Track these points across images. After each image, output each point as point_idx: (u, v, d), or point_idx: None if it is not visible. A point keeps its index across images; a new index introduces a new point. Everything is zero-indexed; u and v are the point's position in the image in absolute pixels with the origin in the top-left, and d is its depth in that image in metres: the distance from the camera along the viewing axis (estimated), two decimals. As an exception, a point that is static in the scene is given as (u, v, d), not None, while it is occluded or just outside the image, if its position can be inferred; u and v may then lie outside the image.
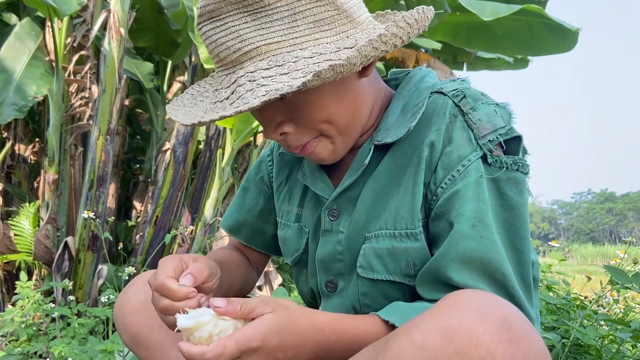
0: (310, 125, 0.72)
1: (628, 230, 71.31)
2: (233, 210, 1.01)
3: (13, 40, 2.99)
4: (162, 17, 3.41)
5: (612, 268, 1.26)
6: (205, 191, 3.61)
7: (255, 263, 1.03)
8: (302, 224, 0.86)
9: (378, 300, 0.75)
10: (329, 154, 0.76)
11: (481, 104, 0.70)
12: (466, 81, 0.77)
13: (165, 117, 3.85)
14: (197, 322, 0.57)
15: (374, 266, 0.73)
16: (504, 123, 0.69)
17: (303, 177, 0.85)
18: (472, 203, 0.65)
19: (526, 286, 0.66)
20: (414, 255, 0.70)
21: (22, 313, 2.25)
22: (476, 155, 0.67)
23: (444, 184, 0.68)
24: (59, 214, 3.00)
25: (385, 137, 0.74)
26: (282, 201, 0.93)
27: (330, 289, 0.82)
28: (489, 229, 0.64)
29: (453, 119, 0.70)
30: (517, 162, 0.68)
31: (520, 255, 0.66)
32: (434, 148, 0.70)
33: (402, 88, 0.80)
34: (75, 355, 1.80)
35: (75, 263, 2.66)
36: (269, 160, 0.98)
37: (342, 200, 0.79)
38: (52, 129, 2.91)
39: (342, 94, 0.71)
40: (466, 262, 0.64)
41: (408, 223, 0.71)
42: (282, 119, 0.72)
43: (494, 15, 2.94)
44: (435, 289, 0.67)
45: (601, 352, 1.30)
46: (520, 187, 0.67)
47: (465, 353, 0.46)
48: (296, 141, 0.73)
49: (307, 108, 0.70)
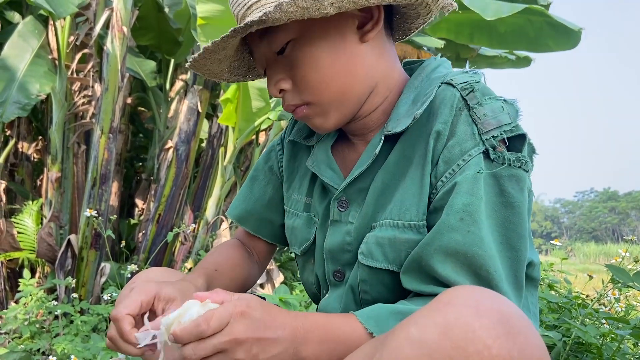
0: (305, 86, 0.73)
1: (631, 229, 71.11)
2: (241, 200, 1.01)
3: (16, 38, 3.00)
4: (164, 16, 3.42)
5: (613, 267, 1.26)
6: (208, 189, 3.62)
7: (260, 255, 1.03)
8: (311, 214, 0.86)
9: (376, 287, 0.75)
10: (321, 121, 0.77)
11: (488, 99, 0.69)
12: (478, 74, 0.75)
13: (167, 116, 3.86)
14: (183, 309, 0.59)
15: (374, 254, 0.73)
16: (509, 120, 0.68)
17: (312, 164, 0.85)
18: (465, 197, 0.65)
19: (517, 285, 0.65)
20: (415, 248, 0.70)
21: (25, 310, 2.27)
22: (478, 150, 0.67)
23: (444, 178, 0.68)
24: (62, 211, 3.01)
25: (396, 126, 0.73)
26: (291, 190, 0.92)
27: (337, 279, 0.82)
28: (478, 225, 0.63)
29: (459, 112, 0.70)
30: (520, 159, 0.67)
31: (516, 254, 0.65)
32: (438, 140, 0.70)
33: (415, 78, 0.79)
34: (77, 353, 1.81)
35: (78, 261, 2.67)
36: (279, 149, 0.98)
37: (352, 191, 0.79)
38: (55, 127, 2.92)
39: (338, 55, 0.71)
40: (450, 255, 0.64)
41: (413, 215, 0.71)
42: (282, 76, 0.74)
43: (496, 14, 2.94)
44: (418, 279, 0.67)
45: (602, 350, 1.30)
46: (522, 185, 0.67)
47: (462, 348, 0.46)
48: (290, 100, 0.76)
49: (302, 65, 0.71)
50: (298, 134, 0.92)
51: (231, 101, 2.89)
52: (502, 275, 0.64)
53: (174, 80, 3.99)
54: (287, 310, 0.64)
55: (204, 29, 2.67)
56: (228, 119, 2.99)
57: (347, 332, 0.63)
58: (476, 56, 4.65)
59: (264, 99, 2.93)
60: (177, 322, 0.58)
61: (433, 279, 0.65)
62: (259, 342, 0.58)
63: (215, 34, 2.57)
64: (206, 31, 2.70)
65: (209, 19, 2.54)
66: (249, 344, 0.57)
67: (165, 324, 0.59)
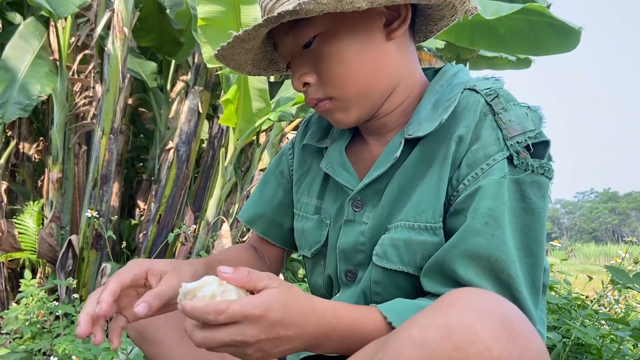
0: (328, 79, 0.73)
1: (631, 230, 71.04)
2: (252, 203, 1.02)
3: (17, 39, 3.00)
4: (166, 17, 3.42)
5: (613, 268, 1.26)
6: (208, 190, 3.63)
7: (272, 261, 1.03)
8: (322, 216, 0.86)
9: (389, 289, 0.75)
10: (342, 116, 0.77)
11: (513, 105, 0.70)
12: (500, 81, 0.76)
13: (168, 116, 3.86)
14: (201, 283, 0.58)
15: (389, 256, 0.73)
16: (533, 126, 0.68)
17: (327, 166, 0.85)
18: (490, 201, 0.65)
19: (535, 290, 0.66)
20: (431, 250, 0.70)
21: (26, 311, 2.27)
22: (502, 155, 0.67)
23: (467, 181, 0.68)
24: (63, 212, 3.01)
25: (417, 130, 0.73)
26: (301, 193, 0.93)
27: (349, 279, 0.82)
28: (502, 229, 0.64)
29: (483, 117, 0.70)
30: (544, 166, 0.67)
31: (535, 260, 0.66)
32: (461, 144, 0.70)
33: (436, 83, 0.79)
34: (78, 353, 1.81)
35: (79, 261, 2.67)
36: (290, 153, 0.99)
37: (368, 192, 0.79)
38: (56, 128, 2.92)
39: (365, 50, 0.72)
40: (473, 258, 0.64)
41: (429, 217, 0.71)
42: (307, 70, 0.75)
43: (496, 14, 2.94)
44: (440, 281, 0.67)
45: (602, 351, 1.30)
46: (544, 192, 0.67)
47: (463, 349, 0.46)
48: (314, 93, 0.76)
49: (328, 59, 0.72)
50: (311, 138, 0.92)
51: (232, 102, 2.90)
52: (522, 280, 0.64)
53: (175, 81, 3.99)
54: (315, 306, 0.61)
55: (204, 30, 2.68)
56: (228, 119, 2.99)
57: (370, 331, 0.62)
58: (477, 57, 4.65)
59: (265, 100, 2.94)
60: (193, 294, 0.58)
61: (454, 281, 0.65)
62: (272, 341, 0.57)
63: (215, 35, 2.57)
64: (207, 32, 2.70)
65: (209, 20, 2.54)
66: (260, 344, 0.57)
67: (183, 292, 0.59)
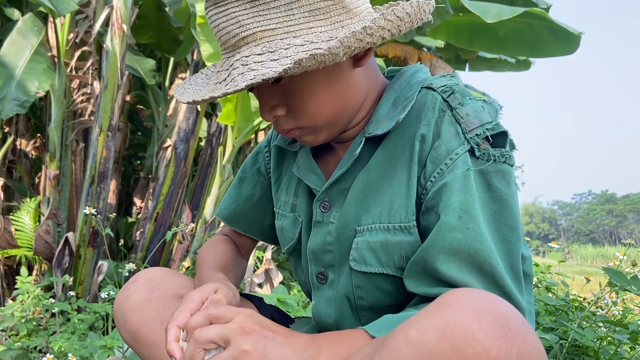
0: (300, 112, 0.74)
1: (628, 232, 71.28)
2: (230, 201, 1.02)
3: (16, 35, 2.99)
4: (164, 14, 3.42)
5: (610, 270, 1.26)
6: (206, 188, 3.62)
7: (246, 250, 1.07)
8: (296, 214, 0.88)
9: (372, 293, 0.76)
10: (311, 139, 0.78)
11: (469, 100, 0.72)
12: (455, 77, 0.78)
13: (166, 114, 3.86)
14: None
15: (367, 259, 0.74)
16: (490, 118, 0.70)
17: (297, 170, 0.87)
18: (459, 195, 0.66)
19: (516, 276, 0.67)
20: (407, 249, 0.71)
21: (22, 308, 2.26)
22: (464, 148, 0.68)
23: (433, 178, 0.69)
24: (60, 209, 3.01)
25: (376, 129, 0.75)
26: (281, 192, 0.94)
27: (320, 281, 0.83)
28: (476, 221, 0.65)
29: (442, 113, 0.72)
30: (504, 154, 0.69)
31: (509, 246, 0.67)
32: (424, 142, 0.71)
33: (394, 82, 0.81)
34: (74, 351, 1.80)
35: (76, 259, 2.66)
36: (266, 151, 0.99)
37: (334, 192, 0.80)
38: (54, 125, 2.92)
39: (334, 82, 0.72)
40: (453, 254, 0.64)
41: (402, 217, 0.72)
42: (277, 103, 0.74)
43: (496, 17, 2.94)
44: (423, 281, 0.67)
45: (599, 353, 1.30)
46: (508, 179, 0.68)
47: (460, 350, 0.46)
48: (284, 124, 0.76)
49: (299, 94, 0.72)
50: (282, 140, 0.94)
51: (230, 100, 2.89)
52: (503, 268, 0.65)
53: (174, 79, 3.99)
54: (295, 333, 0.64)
55: (203, 27, 2.67)
56: (227, 118, 2.98)
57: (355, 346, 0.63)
58: (476, 58, 4.66)
59: (264, 98, 2.94)
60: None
61: (438, 280, 0.66)
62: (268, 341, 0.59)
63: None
64: (205, 30, 2.70)
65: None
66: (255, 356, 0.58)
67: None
